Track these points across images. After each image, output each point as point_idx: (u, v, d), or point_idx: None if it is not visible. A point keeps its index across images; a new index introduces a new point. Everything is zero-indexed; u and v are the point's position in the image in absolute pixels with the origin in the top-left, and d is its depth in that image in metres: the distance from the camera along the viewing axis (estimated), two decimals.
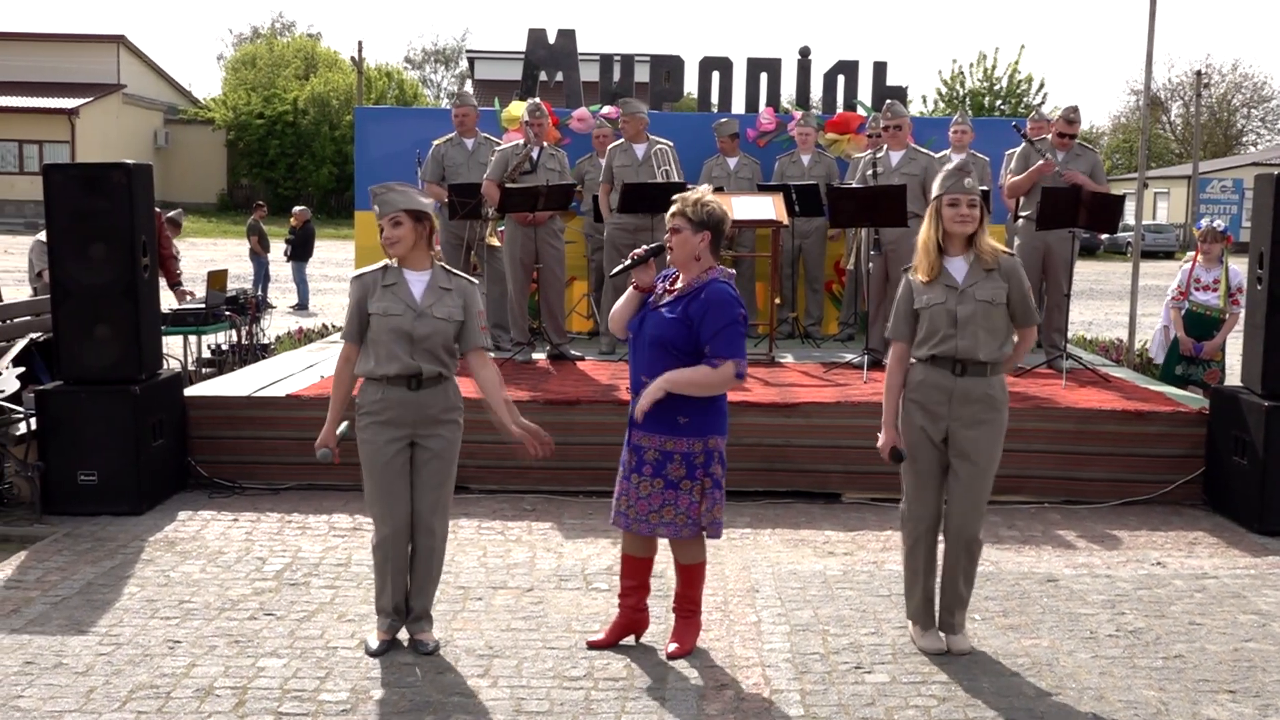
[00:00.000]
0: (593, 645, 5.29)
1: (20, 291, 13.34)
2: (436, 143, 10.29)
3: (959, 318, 5.08)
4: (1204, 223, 9.77)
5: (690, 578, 5.25)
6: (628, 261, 5.13)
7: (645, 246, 5.17)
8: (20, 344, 8.29)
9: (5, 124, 44.83)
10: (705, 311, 4.89)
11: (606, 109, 12.27)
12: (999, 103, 44.78)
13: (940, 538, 5.35)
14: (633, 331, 5.08)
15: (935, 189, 5.21)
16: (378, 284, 5.14)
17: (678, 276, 5.07)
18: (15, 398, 7.62)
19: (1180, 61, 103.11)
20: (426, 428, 5.16)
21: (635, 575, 5.30)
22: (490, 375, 5.27)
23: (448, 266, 5.30)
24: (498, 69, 39.04)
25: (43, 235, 8.81)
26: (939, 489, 5.27)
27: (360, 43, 14.30)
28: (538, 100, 10.34)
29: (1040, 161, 9.42)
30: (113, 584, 6.07)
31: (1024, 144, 9.78)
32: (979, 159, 10.58)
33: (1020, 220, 9.80)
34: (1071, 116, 9.61)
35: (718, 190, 10.62)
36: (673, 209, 5.01)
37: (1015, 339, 5.32)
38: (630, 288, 5.13)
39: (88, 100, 45.67)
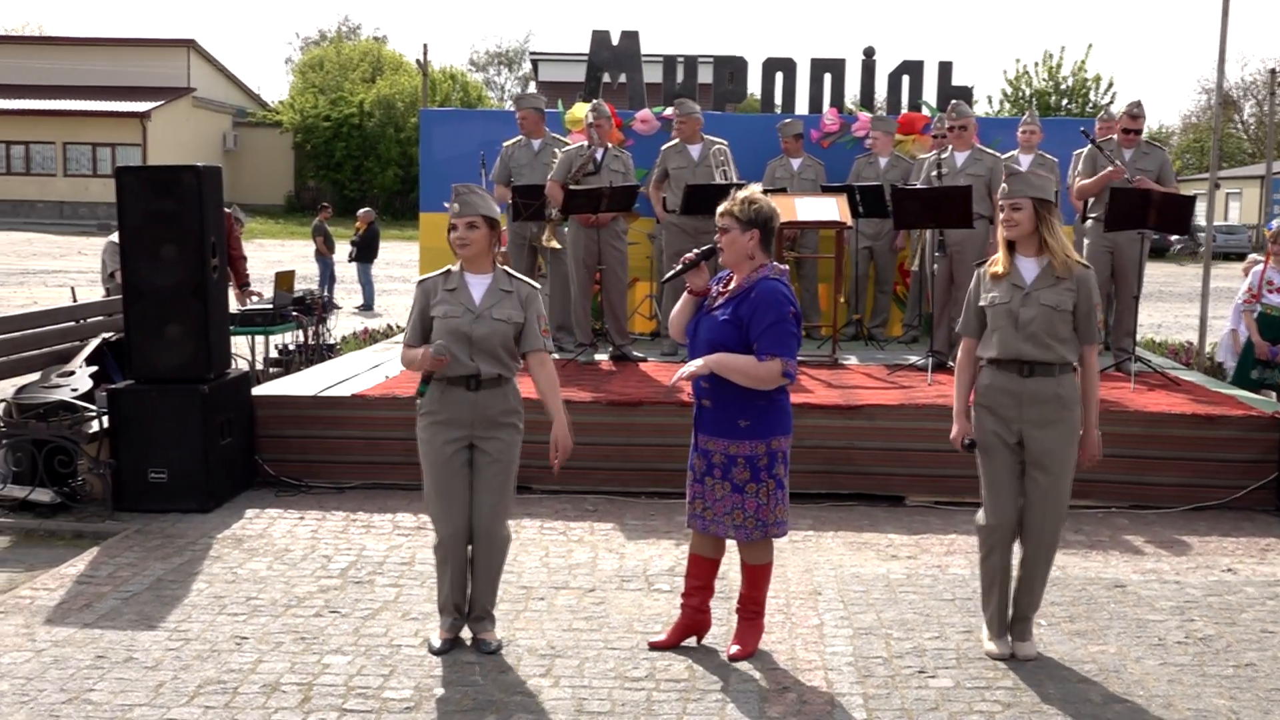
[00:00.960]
0: (655, 646, 5.30)
1: (94, 292, 13.58)
2: (506, 144, 10.33)
3: (1020, 319, 5.04)
4: (1275, 224, 9.60)
5: (756, 579, 5.24)
6: (678, 266, 5.13)
7: (696, 250, 5.14)
8: (93, 343, 8.44)
9: (79, 127, 45.66)
10: (754, 310, 4.89)
11: (668, 110, 12.27)
12: (1065, 102, 44.30)
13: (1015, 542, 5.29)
14: (690, 336, 5.08)
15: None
16: (439, 288, 5.19)
17: (731, 278, 5.06)
18: (88, 396, 7.76)
19: (1253, 59, 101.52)
20: (484, 429, 5.17)
21: (702, 576, 5.31)
22: (547, 375, 5.27)
23: (510, 270, 5.33)
24: (561, 71, 39.19)
25: (115, 236, 8.97)
26: (1015, 494, 5.18)
27: (425, 46, 14.42)
28: (600, 101, 10.34)
29: (1109, 168, 9.27)
30: (182, 580, 6.16)
31: (1090, 145, 9.64)
32: (1047, 159, 10.45)
33: (1088, 221, 9.66)
34: (1135, 111, 9.45)
35: (780, 191, 10.61)
36: (721, 209, 5.00)
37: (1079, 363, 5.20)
38: (686, 292, 5.13)
39: (159, 104, 46.39)
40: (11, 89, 46.63)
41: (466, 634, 5.34)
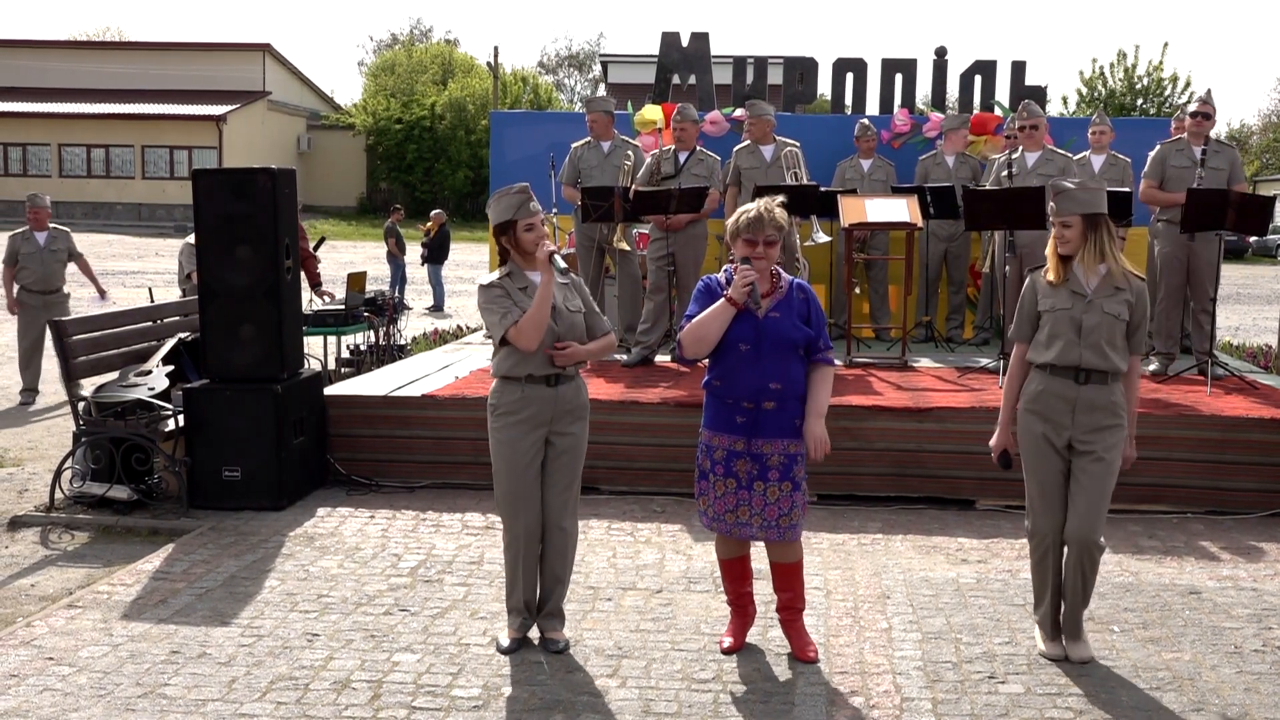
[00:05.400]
0: (728, 651, 5.27)
1: (170, 293, 13.80)
2: (575, 145, 10.35)
3: (1084, 326, 5.02)
4: None
5: (795, 576, 5.26)
6: (755, 289, 4.94)
7: (746, 266, 4.95)
8: (170, 343, 8.57)
9: (157, 131, 46.41)
10: (810, 309, 5.06)
11: (738, 111, 12.25)
12: (1140, 102, 43.66)
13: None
14: (748, 343, 4.97)
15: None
16: (512, 287, 5.18)
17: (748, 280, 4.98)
18: (165, 395, 7.88)
19: None
20: (561, 423, 5.22)
21: (746, 576, 5.35)
22: (594, 346, 5.31)
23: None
24: (631, 73, 39.27)
25: (191, 238, 9.11)
26: (1062, 499, 5.18)
27: (496, 48, 14.58)
28: (687, 105, 10.29)
29: (1180, 191, 9.22)
30: (254, 577, 6.24)
31: (1159, 146, 9.51)
32: (1120, 160, 10.34)
33: (1160, 224, 9.54)
34: (1204, 97, 9.39)
35: (850, 192, 10.56)
36: (766, 219, 4.94)
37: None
38: (724, 304, 4.94)
39: (235, 107, 47.05)
40: (92, 93, 47.55)
41: (534, 633, 5.37)
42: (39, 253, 11.67)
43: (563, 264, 5.12)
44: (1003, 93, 12.71)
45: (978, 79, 12.76)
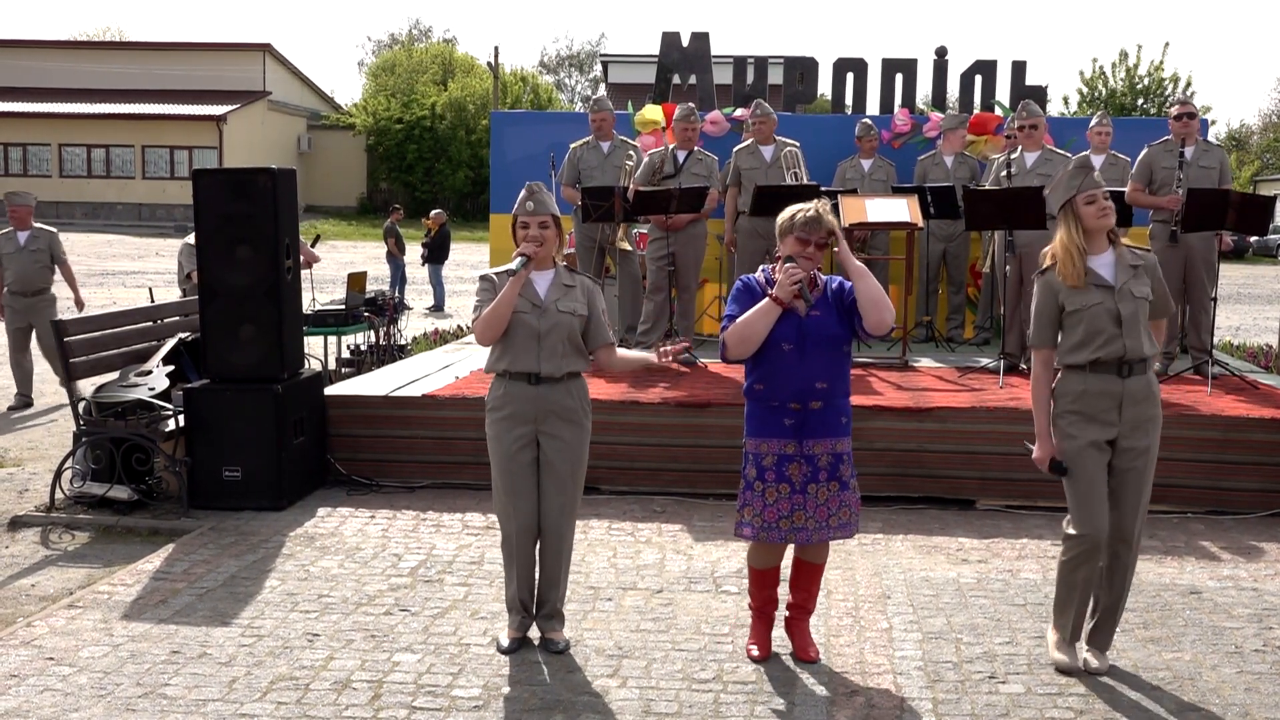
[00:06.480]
0: (759, 660, 5.19)
1: (170, 293, 13.79)
2: (574, 145, 10.34)
3: (1123, 317, 4.89)
4: None
5: (818, 577, 5.26)
6: (804, 289, 4.95)
7: (791, 265, 4.96)
8: (170, 343, 8.56)
9: (157, 131, 46.42)
10: (849, 296, 5.02)
11: (738, 111, 12.25)
12: (1140, 101, 43.67)
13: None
14: (791, 343, 4.96)
15: (1063, 192, 5.03)
16: (503, 284, 5.19)
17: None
18: (165, 395, 7.88)
19: None
20: (548, 423, 5.19)
21: (776, 581, 5.30)
22: (619, 357, 5.38)
23: (571, 267, 5.39)
24: (631, 73, 39.22)
25: (191, 238, 9.10)
26: (1106, 502, 5.00)
27: (496, 48, 14.57)
28: (691, 105, 10.31)
29: (1167, 196, 9.22)
30: (255, 577, 6.24)
31: (1147, 148, 9.53)
32: (1120, 159, 10.34)
33: (1155, 225, 9.55)
34: (1183, 98, 9.42)
35: (851, 192, 10.56)
36: (823, 220, 4.95)
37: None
38: (770, 303, 4.94)
39: (235, 107, 47.05)
40: (92, 93, 47.56)
41: (534, 633, 5.37)
42: (18, 253, 11.50)
43: (515, 265, 5.09)
44: (1003, 93, 12.72)
45: (978, 79, 12.77)
